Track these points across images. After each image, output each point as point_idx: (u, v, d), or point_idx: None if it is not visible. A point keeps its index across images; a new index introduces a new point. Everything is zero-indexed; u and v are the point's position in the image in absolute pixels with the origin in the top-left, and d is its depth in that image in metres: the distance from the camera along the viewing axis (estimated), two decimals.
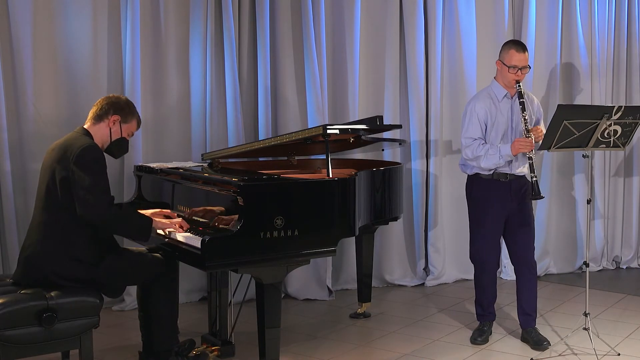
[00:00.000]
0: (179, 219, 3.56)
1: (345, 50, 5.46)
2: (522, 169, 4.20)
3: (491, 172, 4.17)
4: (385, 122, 5.05)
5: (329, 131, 3.72)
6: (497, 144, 4.11)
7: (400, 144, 5.05)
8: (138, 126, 3.62)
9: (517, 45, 4.13)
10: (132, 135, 3.61)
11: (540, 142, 3.95)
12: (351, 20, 5.44)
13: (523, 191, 4.21)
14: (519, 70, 4.07)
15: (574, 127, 3.81)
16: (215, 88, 5.10)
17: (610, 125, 3.88)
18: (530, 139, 3.97)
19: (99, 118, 3.46)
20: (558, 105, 3.84)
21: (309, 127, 5.00)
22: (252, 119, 5.31)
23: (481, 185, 4.23)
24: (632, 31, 6.25)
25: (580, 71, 6.06)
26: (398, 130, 5.29)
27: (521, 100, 4.03)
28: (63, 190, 3.24)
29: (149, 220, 3.45)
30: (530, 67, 4.18)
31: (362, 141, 4.65)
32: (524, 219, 4.21)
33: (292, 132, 4.12)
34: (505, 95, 4.18)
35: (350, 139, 4.48)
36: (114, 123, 3.47)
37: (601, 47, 6.12)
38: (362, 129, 4.21)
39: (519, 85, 4.06)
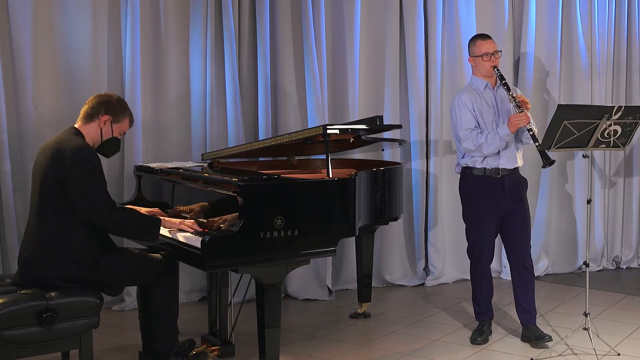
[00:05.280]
0: (191, 221, 3.51)
1: (345, 50, 5.46)
2: (514, 161, 4.19)
3: (483, 168, 4.18)
4: (385, 122, 5.05)
5: (329, 131, 3.71)
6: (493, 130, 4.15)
7: (400, 144, 5.05)
8: (130, 124, 3.56)
9: (480, 35, 4.28)
10: (124, 134, 3.56)
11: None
12: (351, 20, 5.45)
13: (516, 187, 4.22)
14: (492, 56, 4.15)
15: (574, 127, 3.81)
16: (215, 88, 5.10)
17: (610, 125, 3.88)
18: (524, 112, 3.99)
19: (89, 117, 3.41)
20: (558, 105, 3.84)
21: (309, 127, 5.00)
22: (252, 119, 5.31)
23: (473, 182, 4.25)
24: (632, 31, 6.24)
25: (580, 71, 6.06)
26: (398, 130, 5.29)
27: (504, 82, 4.09)
28: (58, 192, 3.21)
29: (156, 220, 3.41)
30: (501, 52, 4.26)
31: (362, 141, 4.65)
32: (520, 217, 4.23)
33: (292, 132, 4.12)
34: (487, 86, 4.24)
35: (350, 139, 4.48)
36: (105, 123, 3.41)
37: (601, 47, 6.12)
38: (362, 129, 4.21)
39: (498, 70, 4.14)
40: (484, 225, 4.24)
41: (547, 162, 3.86)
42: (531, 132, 3.96)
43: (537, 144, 3.90)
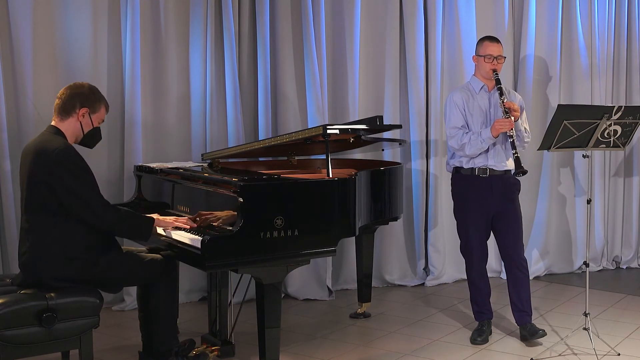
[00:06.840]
0: (185, 218, 3.52)
1: (345, 50, 5.46)
2: (503, 163, 4.23)
3: (470, 167, 4.22)
4: (385, 122, 5.05)
5: (329, 131, 3.71)
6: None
7: (400, 144, 5.05)
8: (107, 110, 3.49)
9: (490, 37, 4.33)
10: (103, 121, 3.49)
11: (519, 118, 4.14)
12: (351, 20, 5.45)
13: (507, 188, 4.25)
14: (495, 59, 4.20)
15: (574, 127, 3.81)
16: (215, 88, 5.10)
17: (610, 125, 3.88)
18: (509, 119, 4.03)
19: (65, 113, 3.33)
20: (558, 105, 3.85)
21: (309, 127, 5.00)
22: (252, 119, 5.31)
23: (461, 181, 4.30)
24: (632, 31, 6.25)
25: (580, 71, 6.05)
26: (398, 130, 5.29)
27: (499, 86, 4.14)
28: (48, 195, 3.18)
29: (150, 220, 3.42)
30: (505, 58, 4.30)
31: (362, 141, 4.65)
32: (511, 217, 4.25)
33: (292, 132, 4.12)
34: (482, 88, 4.28)
35: (350, 139, 4.48)
36: (83, 116, 3.35)
37: (601, 47, 6.12)
38: (362, 129, 4.21)
39: (496, 74, 4.18)
40: (473, 224, 4.28)
41: (520, 170, 3.91)
42: (511, 139, 4.01)
43: (514, 151, 3.97)
